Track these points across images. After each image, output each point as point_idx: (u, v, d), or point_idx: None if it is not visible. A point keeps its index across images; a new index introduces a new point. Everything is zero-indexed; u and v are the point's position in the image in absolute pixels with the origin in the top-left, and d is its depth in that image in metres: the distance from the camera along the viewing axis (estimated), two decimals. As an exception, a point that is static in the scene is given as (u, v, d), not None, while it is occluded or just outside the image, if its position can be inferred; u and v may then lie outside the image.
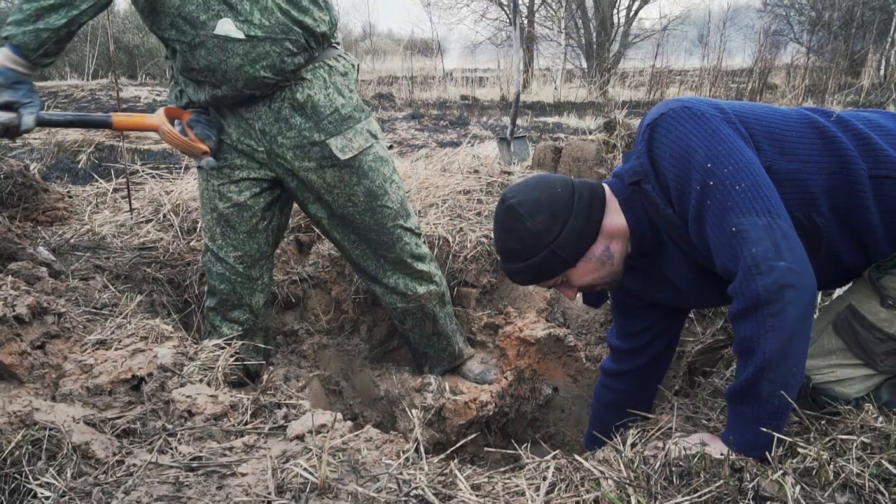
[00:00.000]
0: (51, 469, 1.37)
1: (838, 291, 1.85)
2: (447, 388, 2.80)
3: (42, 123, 2.07)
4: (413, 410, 2.63)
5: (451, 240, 3.20)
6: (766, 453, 1.41)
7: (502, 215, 1.63)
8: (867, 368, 1.62)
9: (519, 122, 6.71)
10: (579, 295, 1.87)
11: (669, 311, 1.91)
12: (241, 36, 2.07)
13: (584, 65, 16.74)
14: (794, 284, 1.35)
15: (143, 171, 4.14)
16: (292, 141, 2.26)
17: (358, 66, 2.41)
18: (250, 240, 2.41)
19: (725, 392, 1.53)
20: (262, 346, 2.60)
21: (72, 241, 2.86)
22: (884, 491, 1.31)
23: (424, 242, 2.66)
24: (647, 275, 1.77)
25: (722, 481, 1.32)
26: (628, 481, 1.35)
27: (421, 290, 2.62)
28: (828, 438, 1.48)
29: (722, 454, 1.41)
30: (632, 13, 17.41)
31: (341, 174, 2.33)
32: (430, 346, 2.83)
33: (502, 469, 1.51)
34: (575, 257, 1.62)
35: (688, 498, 1.29)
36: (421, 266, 2.59)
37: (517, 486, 1.38)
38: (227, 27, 2.07)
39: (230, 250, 2.40)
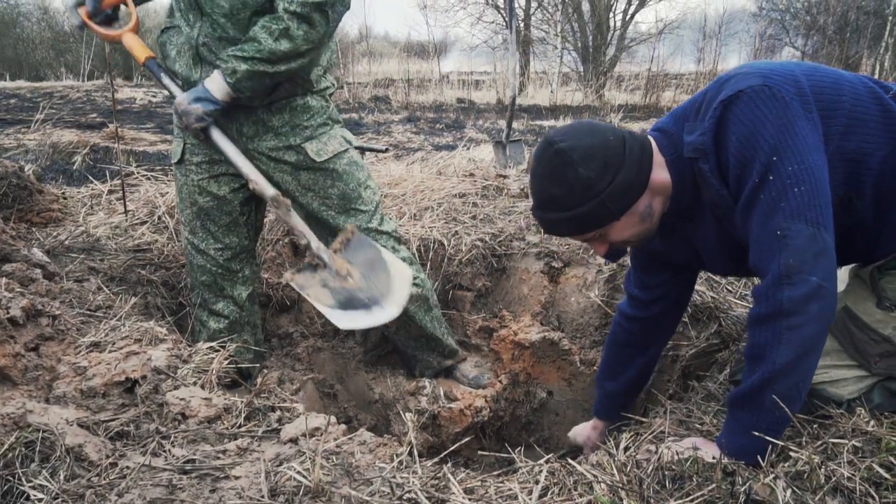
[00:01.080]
0: (44, 471, 1.37)
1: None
2: (441, 393, 2.80)
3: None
4: (407, 414, 2.63)
5: (446, 243, 3.20)
6: (759, 458, 1.42)
7: (549, 159, 1.52)
8: (861, 370, 1.63)
9: (515, 125, 6.72)
10: (573, 298, 1.88)
11: (687, 269, 1.92)
12: None
13: (581, 68, 16.77)
14: (820, 301, 1.35)
15: (138, 173, 4.14)
16: (268, 143, 2.31)
17: (335, 84, 2.48)
18: (230, 233, 2.45)
19: (728, 396, 1.53)
20: (253, 344, 2.61)
21: (66, 242, 2.86)
22: (874, 495, 1.31)
23: (405, 245, 2.66)
24: (673, 236, 1.75)
25: (714, 485, 1.33)
26: (621, 485, 1.36)
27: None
28: (819, 442, 1.49)
29: (714, 458, 1.42)
30: (628, 17, 17.45)
31: (315, 177, 2.37)
32: (417, 349, 2.83)
33: (495, 473, 1.52)
34: (621, 210, 1.54)
35: (680, 501, 1.29)
36: (404, 254, 2.61)
37: (510, 489, 1.38)
38: None
39: (211, 242, 2.44)
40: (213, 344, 2.10)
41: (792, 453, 1.44)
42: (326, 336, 3.11)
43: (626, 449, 1.58)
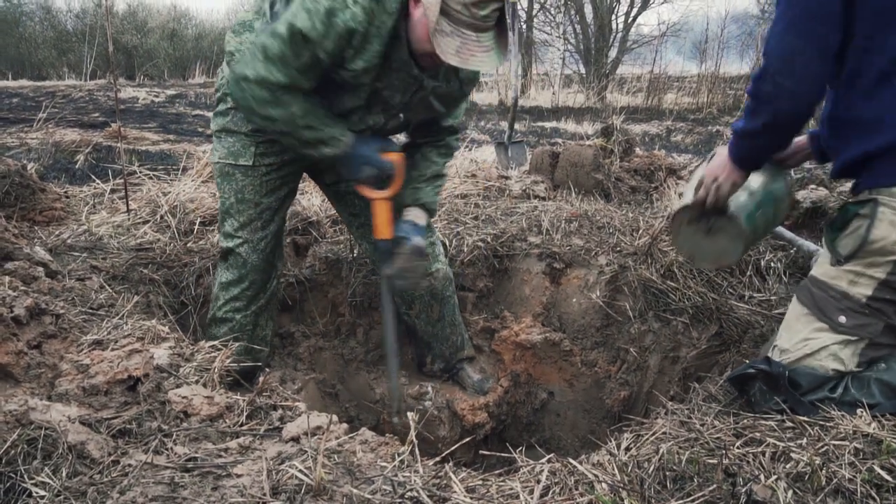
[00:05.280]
0: (46, 468, 1.37)
1: None
2: (444, 401, 2.80)
3: None
4: (409, 413, 2.63)
5: (448, 244, 3.20)
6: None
7: None
8: (832, 332, 1.69)
9: (517, 126, 6.73)
10: (574, 299, 1.89)
11: None
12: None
13: (583, 70, 16.78)
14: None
15: (140, 172, 4.14)
16: None
17: None
18: (278, 230, 2.54)
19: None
20: (265, 339, 2.62)
21: (69, 241, 2.86)
22: (876, 496, 1.32)
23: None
24: None
25: (715, 486, 1.33)
26: (622, 485, 1.36)
27: (431, 268, 2.70)
28: (821, 444, 1.49)
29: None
30: (630, 19, 17.46)
31: None
32: (434, 335, 2.85)
33: (497, 472, 1.52)
34: None
35: (681, 502, 1.29)
36: (434, 239, 2.71)
37: (511, 488, 1.38)
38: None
39: (267, 241, 2.48)
40: (216, 342, 2.10)
41: (793, 454, 1.44)
42: (328, 336, 3.11)
43: (628, 449, 1.58)
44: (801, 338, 1.73)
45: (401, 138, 2.62)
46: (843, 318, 1.67)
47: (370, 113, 2.26)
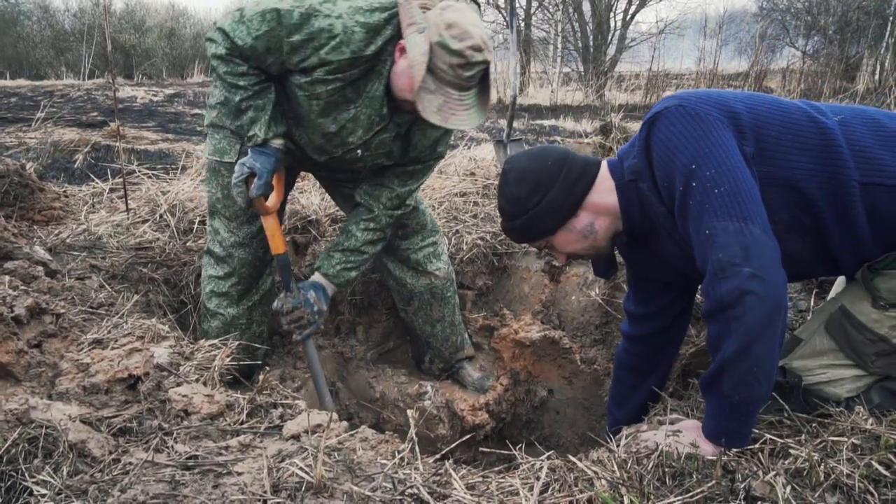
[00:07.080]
0: (47, 467, 1.37)
1: (833, 293, 1.87)
2: (443, 401, 2.81)
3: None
4: (408, 411, 2.64)
5: (447, 242, 3.20)
6: (736, 441, 1.49)
7: (500, 177, 1.80)
8: (858, 369, 1.64)
9: (515, 124, 6.72)
10: (574, 297, 1.89)
11: (675, 284, 1.94)
12: None
13: (581, 68, 16.76)
14: (755, 291, 1.39)
15: (139, 171, 4.14)
16: None
17: None
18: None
19: (699, 381, 1.62)
20: (258, 338, 2.62)
21: (68, 240, 2.86)
22: (873, 491, 1.32)
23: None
24: (637, 253, 1.87)
25: (714, 482, 1.33)
26: (621, 481, 1.36)
27: (431, 266, 2.73)
28: (819, 440, 1.50)
29: (694, 445, 1.48)
30: (628, 17, 17.44)
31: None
32: (432, 334, 2.86)
33: (497, 469, 1.52)
34: (553, 227, 1.74)
35: (680, 498, 1.30)
36: (437, 238, 2.74)
37: (511, 485, 1.39)
38: None
39: (254, 236, 2.48)
40: (216, 341, 2.11)
41: (791, 451, 1.45)
42: (328, 334, 3.12)
43: (627, 446, 1.58)
44: (820, 363, 1.68)
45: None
46: (875, 359, 1.63)
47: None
